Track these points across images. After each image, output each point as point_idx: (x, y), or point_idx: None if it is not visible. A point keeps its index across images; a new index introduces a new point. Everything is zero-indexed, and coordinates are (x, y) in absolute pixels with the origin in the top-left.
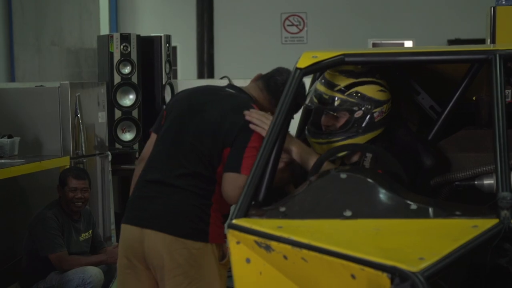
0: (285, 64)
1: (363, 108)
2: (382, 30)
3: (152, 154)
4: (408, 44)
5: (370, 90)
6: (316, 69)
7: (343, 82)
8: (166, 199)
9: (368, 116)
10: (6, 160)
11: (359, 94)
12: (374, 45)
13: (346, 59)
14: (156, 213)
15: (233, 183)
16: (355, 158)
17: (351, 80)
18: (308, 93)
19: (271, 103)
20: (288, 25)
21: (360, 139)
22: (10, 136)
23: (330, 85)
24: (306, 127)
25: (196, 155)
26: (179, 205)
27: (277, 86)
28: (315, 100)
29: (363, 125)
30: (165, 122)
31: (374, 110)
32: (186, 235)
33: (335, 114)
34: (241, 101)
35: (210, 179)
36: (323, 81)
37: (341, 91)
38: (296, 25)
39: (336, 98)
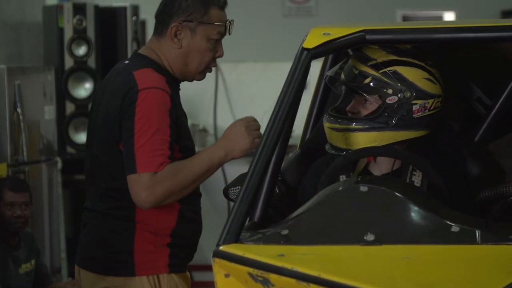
0: (289, 42)
1: (399, 94)
2: None
3: None
4: (449, 17)
5: (413, 74)
6: (328, 50)
7: (380, 57)
8: (89, 229)
9: (405, 107)
10: None
11: (397, 75)
12: (405, 18)
13: (368, 36)
14: (81, 248)
15: (136, 187)
16: (386, 166)
17: (391, 57)
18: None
19: (182, 55)
20: None
21: (389, 135)
22: None
23: (363, 59)
24: (325, 111)
25: (103, 167)
26: (99, 234)
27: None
28: (342, 76)
29: (396, 117)
30: None
31: (415, 101)
32: (105, 270)
33: (364, 97)
34: (123, 78)
35: (126, 191)
36: (357, 54)
37: (375, 67)
38: None
39: (368, 75)
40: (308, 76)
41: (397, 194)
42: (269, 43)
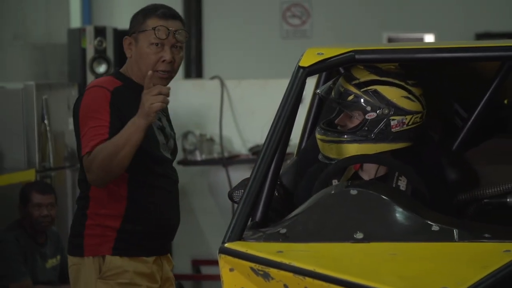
0: (286, 62)
1: (378, 111)
2: (399, 22)
3: None
4: (429, 38)
5: (391, 93)
6: (322, 68)
7: (363, 77)
8: None
9: (384, 122)
10: None
11: (376, 94)
12: (390, 39)
13: (357, 56)
14: None
15: (85, 169)
16: (373, 172)
17: (373, 77)
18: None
19: (138, 61)
20: (290, 17)
21: (370, 147)
22: None
23: (349, 78)
24: (318, 123)
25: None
26: (72, 222)
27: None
28: (333, 93)
29: (375, 131)
30: None
31: (393, 117)
32: (69, 251)
33: (348, 112)
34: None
35: (83, 182)
36: (345, 73)
37: (357, 86)
38: (299, 17)
39: (351, 93)
40: (304, 92)
41: (383, 197)
42: (269, 62)
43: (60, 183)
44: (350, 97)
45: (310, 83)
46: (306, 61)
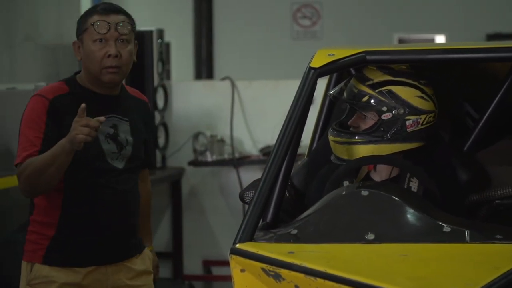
0: (296, 63)
1: (393, 111)
2: (410, 23)
3: None
4: (440, 39)
5: (406, 93)
6: (332, 69)
7: (377, 78)
8: None
9: (399, 122)
10: None
11: (392, 94)
12: (400, 40)
13: (368, 57)
14: None
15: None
16: (385, 174)
17: (387, 77)
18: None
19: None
20: (300, 18)
21: (385, 148)
22: None
23: (362, 79)
24: (331, 125)
25: None
26: None
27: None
28: (345, 94)
29: (391, 131)
30: None
31: (408, 117)
32: None
33: (363, 113)
34: None
35: None
36: (358, 74)
37: (372, 86)
38: (309, 18)
39: (365, 93)
40: (315, 92)
41: (394, 198)
42: (280, 63)
43: None
44: (365, 98)
45: (321, 84)
46: (317, 62)
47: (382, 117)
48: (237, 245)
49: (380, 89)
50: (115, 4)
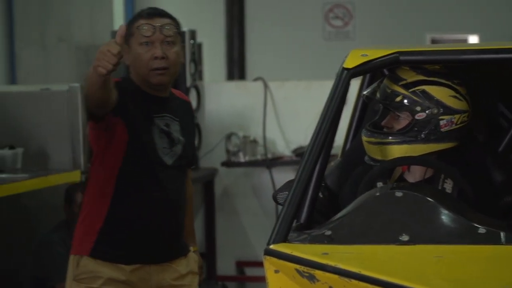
0: (329, 63)
1: (427, 111)
2: (442, 23)
3: None
4: (473, 39)
5: (440, 92)
6: (366, 70)
7: (410, 78)
8: None
9: (433, 122)
10: (7, 174)
11: (425, 94)
12: (433, 40)
13: (401, 57)
14: None
15: None
16: (419, 174)
17: (420, 77)
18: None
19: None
20: (332, 18)
21: (419, 148)
22: (11, 147)
23: (396, 79)
24: (364, 125)
25: None
26: None
27: None
28: (378, 94)
29: (425, 131)
30: None
31: (442, 117)
32: None
33: (396, 113)
34: None
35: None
36: (391, 74)
37: (405, 86)
38: (342, 18)
39: (398, 94)
40: (348, 93)
41: (429, 199)
42: (312, 64)
43: None
44: (398, 98)
45: (354, 84)
46: (350, 63)
47: (416, 117)
48: (271, 246)
49: (413, 89)
50: (160, 8)
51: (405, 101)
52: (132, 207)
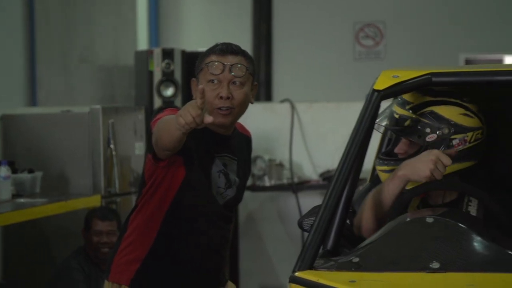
0: (359, 84)
1: (438, 132)
2: (476, 42)
3: None
4: (509, 59)
5: (448, 112)
6: (397, 92)
7: (417, 100)
8: None
9: (445, 142)
10: (26, 199)
11: (434, 115)
12: (467, 61)
13: (434, 79)
14: None
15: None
16: (440, 198)
17: (427, 98)
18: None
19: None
20: (363, 37)
21: None
22: (31, 171)
23: (402, 104)
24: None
25: None
26: None
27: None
28: (386, 122)
29: None
30: None
31: (454, 136)
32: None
33: (408, 137)
34: None
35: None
36: (398, 99)
37: (413, 109)
38: (372, 37)
39: (407, 118)
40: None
41: (461, 225)
42: (341, 85)
43: (125, 209)
44: (407, 122)
45: (385, 106)
46: (381, 84)
47: (427, 139)
48: (297, 273)
49: (421, 111)
50: (235, 44)
51: (414, 124)
52: (178, 245)
